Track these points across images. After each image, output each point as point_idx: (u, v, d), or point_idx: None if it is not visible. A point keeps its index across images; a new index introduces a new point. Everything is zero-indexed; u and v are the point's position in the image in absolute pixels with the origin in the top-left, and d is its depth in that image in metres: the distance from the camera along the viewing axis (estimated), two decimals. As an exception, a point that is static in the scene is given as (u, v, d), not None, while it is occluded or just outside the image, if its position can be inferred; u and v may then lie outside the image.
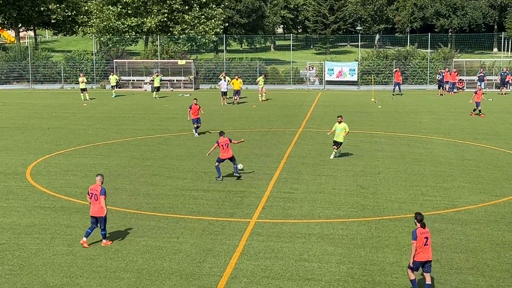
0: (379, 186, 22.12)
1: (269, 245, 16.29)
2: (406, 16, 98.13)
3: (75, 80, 58.40)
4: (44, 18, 78.59)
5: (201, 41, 71.47)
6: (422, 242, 13.15)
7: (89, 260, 15.26)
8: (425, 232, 13.25)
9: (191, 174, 23.93)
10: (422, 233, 13.21)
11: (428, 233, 13.29)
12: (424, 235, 13.21)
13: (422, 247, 13.16)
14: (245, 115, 40.15)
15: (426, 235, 13.23)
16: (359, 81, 58.07)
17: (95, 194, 16.19)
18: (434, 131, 33.66)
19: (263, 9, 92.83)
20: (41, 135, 32.78)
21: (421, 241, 13.14)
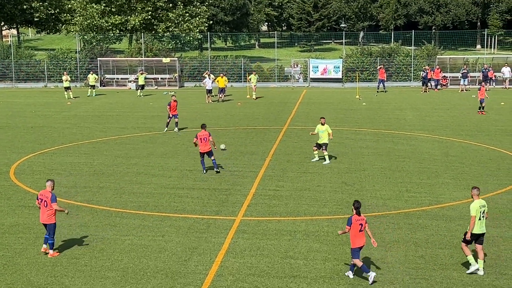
0: (364, 183, 22.20)
1: (254, 242, 16.30)
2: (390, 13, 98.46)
3: (59, 79, 57.98)
4: (27, 16, 77.99)
5: (186, 39, 71.33)
6: (357, 228, 13.93)
7: (74, 259, 15.19)
8: (361, 219, 14.03)
9: (176, 172, 23.88)
10: (357, 220, 13.98)
11: (363, 220, 14.04)
12: (359, 221, 13.98)
13: (357, 233, 13.92)
14: (230, 113, 40.13)
15: (361, 222, 14.01)
16: (344, 78, 58.18)
17: (45, 200, 15.47)
18: (418, 127, 33.82)
19: (247, 7, 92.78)
20: (24, 134, 32.57)
21: (356, 227, 13.91)
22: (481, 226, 14.38)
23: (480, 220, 14.31)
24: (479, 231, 14.35)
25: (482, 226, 14.40)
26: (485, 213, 14.44)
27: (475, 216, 14.25)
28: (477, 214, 14.27)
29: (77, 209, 19.17)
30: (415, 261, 15.02)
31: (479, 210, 14.31)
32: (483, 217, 14.37)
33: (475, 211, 14.28)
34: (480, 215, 14.30)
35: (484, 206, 14.45)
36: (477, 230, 14.31)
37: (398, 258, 15.22)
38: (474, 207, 14.33)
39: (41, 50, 79.78)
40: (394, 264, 14.84)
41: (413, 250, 15.70)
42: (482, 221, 14.38)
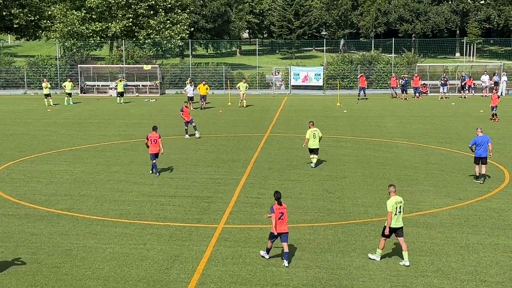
0: (345, 191, 22.29)
1: (236, 250, 16.29)
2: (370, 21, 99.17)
3: (39, 86, 57.67)
4: (6, 23, 77.47)
5: (167, 46, 71.22)
6: (277, 216, 15.26)
7: (55, 268, 15.09)
8: (281, 208, 15.36)
9: (157, 180, 23.82)
10: (278, 208, 15.31)
11: (284, 209, 15.38)
12: (279, 210, 15.31)
13: (278, 221, 15.26)
14: (211, 120, 40.12)
15: (281, 210, 15.33)
16: (325, 85, 58.42)
17: None
18: (399, 135, 34.04)
19: (228, 14, 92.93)
20: (4, 142, 32.30)
21: (276, 215, 15.24)
22: (397, 220, 15.44)
23: (396, 215, 15.39)
24: (395, 225, 15.43)
25: (398, 220, 15.46)
26: (401, 209, 15.47)
27: (391, 212, 15.31)
28: (393, 210, 15.33)
29: (58, 218, 19.05)
30: (396, 268, 15.10)
31: (395, 206, 15.37)
32: (399, 213, 15.44)
33: (391, 207, 15.35)
34: (396, 210, 15.36)
35: (401, 202, 15.51)
36: (394, 225, 15.41)
37: (379, 265, 15.29)
38: (390, 203, 15.40)
39: (21, 56, 79.25)
40: (375, 272, 14.90)
41: (394, 258, 15.77)
42: (399, 216, 15.45)
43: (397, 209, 15.41)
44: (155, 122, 39.02)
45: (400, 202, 15.51)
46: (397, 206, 15.41)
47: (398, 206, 15.42)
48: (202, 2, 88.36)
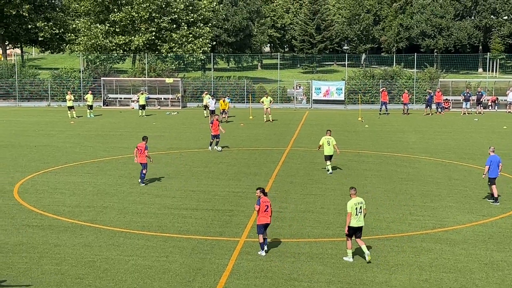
0: (367, 205, 21.97)
1: (258, 264, 16.28)
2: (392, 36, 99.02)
3: (62, 98, 58.33)
4: (32, 36, 78.50)
5: (189, 60, 71.72)
6: (263, 208, 16.66)
7: (78, 279, 15.18)
8: (266, 201, 16.77)
9: (179, 193, 23.91)
10: (264, 201, 16.72)
11: (268, 202, 16.80)
12: (265, 203, 16.72)
13: (263, 212, 16.65)
14: (233, 133, 40.22)
15: (267, 203, 16.74)
16: (346, 100, 58.39)
17: None
18: (421, 150, 33.87)
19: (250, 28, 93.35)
20: (28, 153, 32.64)
21: (263, 207, 16.64)
22: (358, 220, 16.46)
23: (357, 215, 16.42)
24: (356, 225, 16.45)
25: (359, 220, 16.48)
26: (362, 209, 16.49)
27: (351, 213, 16.34)
28: (352, 211, 16.36)
29: (81, 229, 19.19)
30: (419, 285, 14.99)
31: (354, 207, 16.40)
32: (360, 213, 16.46)
33: (351, 208, 16.39)
34: (356, 211, 16.39)
35: (361, 203, 16.55)
36: (354, 224, 16.42)
37: (402, 281, 15.19)
38: (349, 204, 16.46)
39: (45, 69, 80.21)
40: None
41: (417, 274, 15.67)
42: (359, 216, 16.47)
43: (357, 210, 16.39)
44: (177, 135, 39.30)
45: (361, 203, 16.51)
46: (357, 206, 16.40)
47: (358, 207, 16.41)
48: (224, 16, 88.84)
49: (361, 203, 16.52)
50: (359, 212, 16.42)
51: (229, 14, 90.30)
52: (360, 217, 16.41)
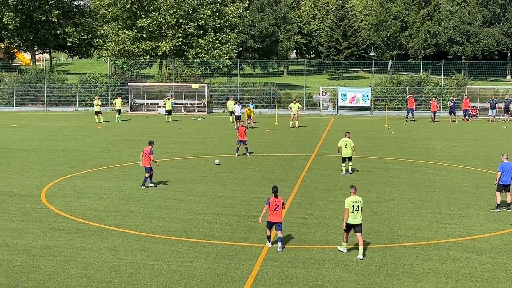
0: (393, 213, 22.06)
1: (283, 270, 16.25)
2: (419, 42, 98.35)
3: (90, 103, 58.86)
4: (60, 41, 79.37)
5: (215, 65, 71.97)
6: (273, 207, 17.49)
7: (104, 283, 15.28)
8: (277, 201, 17.55)
9: (204, 198, 23.97)
10: (274, 201, 17.54)
11: (279, 202, 17.54)
12: (275, 202, 17.54)
13: (273, 211, 17.50)
14: (259, 139, 40.24)
15: (277, 203, 17.53)
16: (372, 106, 58.13)
17: None
18: (448, 158, 33.57)
19: (277, 34, 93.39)
20: (55, 157, 32.98)
21: (272, 206, 17.48)
22: (354, 217, 17.12)
23: (353, 213, 17.07)
24: (353, 222, 17.12)
25: (356, 217, 17.13)
26: (359, 208, 17.12)
27: (348, 209, 17.06)
28: (350, 208, 17.04)
29: (107, 233, 19.33)
30: (445, 294, 14.85)
31: (351, 204, 17.06)
32: (356, 210, 17.09)
33: (348, 205, 17.10)
34: (353, 208, 17.04)
35: (359, 202, 17.17)
36: (351, 221, 17.12)
37: (428, 290, 15.06)
38: (347, 201, 17.18)
39: (73, 74, 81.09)
40: (424, 296, 14.68)
41: (443, 282, 15.52)
42: (356, 213, 17.11)
43: (354, 207, 17.09)
44: (203, 141, 39.43)
45: (358, 201, 17.16)
46: (354, 204, 17.09)
47: (356, 205, 17.09)
48: (251, 22, 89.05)
49: (358, 202, 17.17)
50: (356, 210, 17.12)
51: (255, 20, 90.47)
52: (356, 215, 17.13)
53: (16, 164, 30.85)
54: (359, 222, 17.18)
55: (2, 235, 19.11)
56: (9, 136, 41.05)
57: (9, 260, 16.79)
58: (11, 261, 16.76)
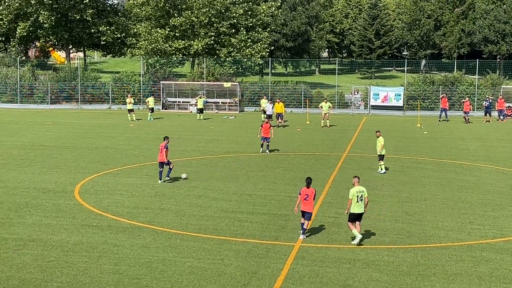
0: (425, 213, 21.86)
1: (313, 269, 16.22)
2: (453, 41, 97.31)
3: (123, 101, 59.38)
4: (94, 40, 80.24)
5: (247, 64, 72.07)
6: (303, 197, 18.38)
7: (135, 279, 15.42)
8: (308, 191, 18.39)
9: (235, 196, 24.03)
10: (305, 191, 18.41)
11: (309, 192, 18.35)
12: (305, 193, 18.38)
13: (304, 200, 18.38)
14: (290, 138, 40.21)
15: (307, 193, 18.36)
16: (405, 106, 57.67)
17: None
18: (482, 158, 33.16)
19: (309, 33, 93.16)
20: (89, 154, 33.36)
21: (303, 196, 18.38)
22: (359, 207, 17.97)
23: (358, 203, 17.91)
24: (357, 211, 17.97)
25: (360, 207, 17.98)
26: (363, 198, 17.98)
27: (351, 199, 17.90)
28: (354, 198, 17.89)
29: (139, 230, 19.49)
30: (478, 295, 14.69)
31: (355, 195, 17.91)
32: (360, 200, 17.95)
33: (352, 195, 17.96)
34: (357, 198, 17.89)
35: (362, 192, 18.06)
36: (355, 210, 17.95)
37: (460, 291, 14.90)
38: (351, 192, 18.08)
39: (106, 72, 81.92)
40: (457, 297, 14.53)
41: (476, 284, 15.34)
42: (360, 203, 17.96)
43: (358, 197, 17.91)
44: (234, 139, 39.54)
45: (362, 191, 18.02)
46: (358, 194, 17.94)
47: (359, 195, 17.94)
48: (283, 21, 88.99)
49: (362, 192, 18.03)
50: (360, 200, 17.94)
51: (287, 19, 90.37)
52: (360, 204, 17.95)
53: (51, 161, 31.28)
54: (362, 211, 18.13)
55: (37, 230, 19.40)
56: (44, 134, 41.65)
57: (43, 255, 17.05)
58: (45, 256, 17.01)
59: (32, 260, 16.65)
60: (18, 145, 36.26)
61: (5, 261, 16.60)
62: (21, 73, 63.74)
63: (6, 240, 18.36)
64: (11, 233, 19.06)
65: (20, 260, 16.64)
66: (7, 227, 19.70)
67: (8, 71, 64.30)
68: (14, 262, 16.49)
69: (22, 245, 17.91)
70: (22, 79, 63.18)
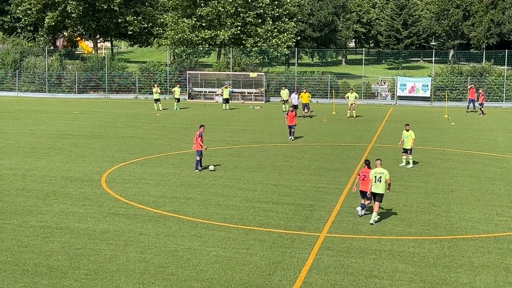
0: (452, 205, 21.70)
1: (338, 260, 16.21)
2: (482, 32, 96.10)
3: (149, 91, 59.67)
4: (121, 30, 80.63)
5: (273, 54, 71.88)
6: (362, 177, 19.61)
7: (161, 268, 15.54)
8: (365, 171, 19.57)
9: (261, 186, 24.06)
10: (363, 172, 19.67)
11: (366, 173, 19.45)
12: (363, 173, 19.62)
13: (361, 181, 19.62)
14: (316, 128, 40.10)
15: (364, 173, 19.54)
16: (432, 97, 57.16)
17: None
18: (510, 150, 32.78)
19: (335, 23, 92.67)
20: (115, 144, 33.62)
21: (361, 176, 19.64)
22: (376, 187, 19.21)
23: (375, 183, 19.16)
24: (374, 191, 19.22)
25: (377, 187, 19.20)
26: (382, 179, 19.11)
27: (371, 180, 19.18)
28: (373, 178, 19.18)
29: (164, 219, 19.63)
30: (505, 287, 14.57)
31: (373, 175, 19.22)
32: (378, 181, 19.13)
33: (372, 175, 19.25)
34: (375, 179, 19.14)
35: (382, 173, 19.21)
36: (373, 190, 19.21)
37: (487, 283, 14.77)
38: (371, 172, 19.36)
39: (133, 62, 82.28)
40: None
41: (503, 276, 15.21)
42: (377, 184, 19.15)
43: (376, 178, 19.15)
44: (260, 129, 39.55)
45: (381, 173, 19.19)
46: (377, 175, 19.19)
47: (378, 176, 19.16)
48: (309, 11, 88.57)
49: (381, 173, 19.20)
50: (378, 181, 19.13)
51: (314, 9, 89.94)
52: (378, 185, 19.14)
53: (78, 150, 31.59)
54: (379, 192, 19.21)
55: (64, 218, 19.63)
56: (71, 123, 42.05)
57: (71, 243, 17.25)
58: (72, 244, 17.21)
59: (59, 248, 16.86)
60: (46, 134, 36.68)
61: (33, 248, 16.85)
62: (49, 63, 64.36)
63: (34, 228, 18.62)
64: (39, 221, 19.33)
65: (48, 248, 16.87)
66: (35, 215, 19.97)
67: (36, 61, 64.95)
68: (42, 250, 16.72)
69: (50, 233, 18.15)
70: (50, 69, 63.80)
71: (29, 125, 40.60)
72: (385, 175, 19.23)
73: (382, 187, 19.23)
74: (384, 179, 19.18)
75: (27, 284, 14.49)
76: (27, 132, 37.64)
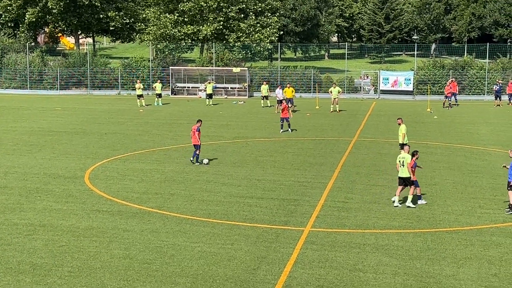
0: (435, 198, 21.83)
1: (323, 254, 16.25)
2: (464, 25, 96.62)
3: (132, 87, 59.36)
4: (103, 26, 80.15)
5: (256, 49, 71.83)
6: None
7: (146, 264, 15.50)
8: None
9: (245, 181, 24.06)
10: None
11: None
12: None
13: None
14: (299, 123, 40.14)
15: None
16: (415, 90, 57.43)
17: None
18: (492, 142, 33.03)
19: (318, 18, 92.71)
20: (98, 140, 33.46)
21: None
22: (401, 172, 20.40)
23: (400, 167, 20.39)
24: (400, 175, 20.46)
25: (402, 172, 20.36)
26: (404, 163, 20.25)
27: (398, 163, 20.55)
28: (397, 162, 20.58)
29: (149, 215, 19.57)
30: (488, 279, 14.66)
31: (398, 159, 20.61)
32: (402, 166, 20.30)
33: (398, 160, 20.64)
34: (400, 163, 20.40)
35: (403, 158, 20.34)
36: (399, 174, 20.47)
37: (470, 275, 14.89)
38: (398, 157, 20.78)
39: (115, 58, 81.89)
40: (466, 281, 14.52)
41: (486, 268, 15.33)
42: (402, 168, 20.34)
43: (400, 163, 20.37)
44: (243, 124, 39.54)
45: (403, 157, 20.37)
46: (400, 160, 20.41)
47: (401, 161, 20.37)
48: (292, 6, 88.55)
49: (403, 158, 20.35)
50: (402, 165, 20.30)
51: (296, 3, 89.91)
52: (402, 169, 20.33)
53: (60, 147, 31.40)
54: (403, 175, 20.31)
55: (47, 216, 19.52)
56: (53, 119, 41.79)
57: (54, 240, 17.16)
58: (56, 241, 17.12)
59: (43, 245, 16.77)
60: (28, 131, 36.42)
61: (16, 246, 16.74)
62: (30, 59, 63.86)
63: (17, 225, 18.50)
64: (22, 218, 19.20)
65: (31, 245, 16.77)
66: (18, 212, 19.84)
67: (17, 57, 64.41)
68: (25, 247, 16.62)
69: (33, 230, 18.05)
70: (32, 65, 63.31)
71: (10, 122, 40.30)
72: (406, 159, 20.29)
73: (406, 171, 20.26)
74: (406, 163, 20.20)
75: (10, 282, 14.40)
76: (8, 129, 37.36)
